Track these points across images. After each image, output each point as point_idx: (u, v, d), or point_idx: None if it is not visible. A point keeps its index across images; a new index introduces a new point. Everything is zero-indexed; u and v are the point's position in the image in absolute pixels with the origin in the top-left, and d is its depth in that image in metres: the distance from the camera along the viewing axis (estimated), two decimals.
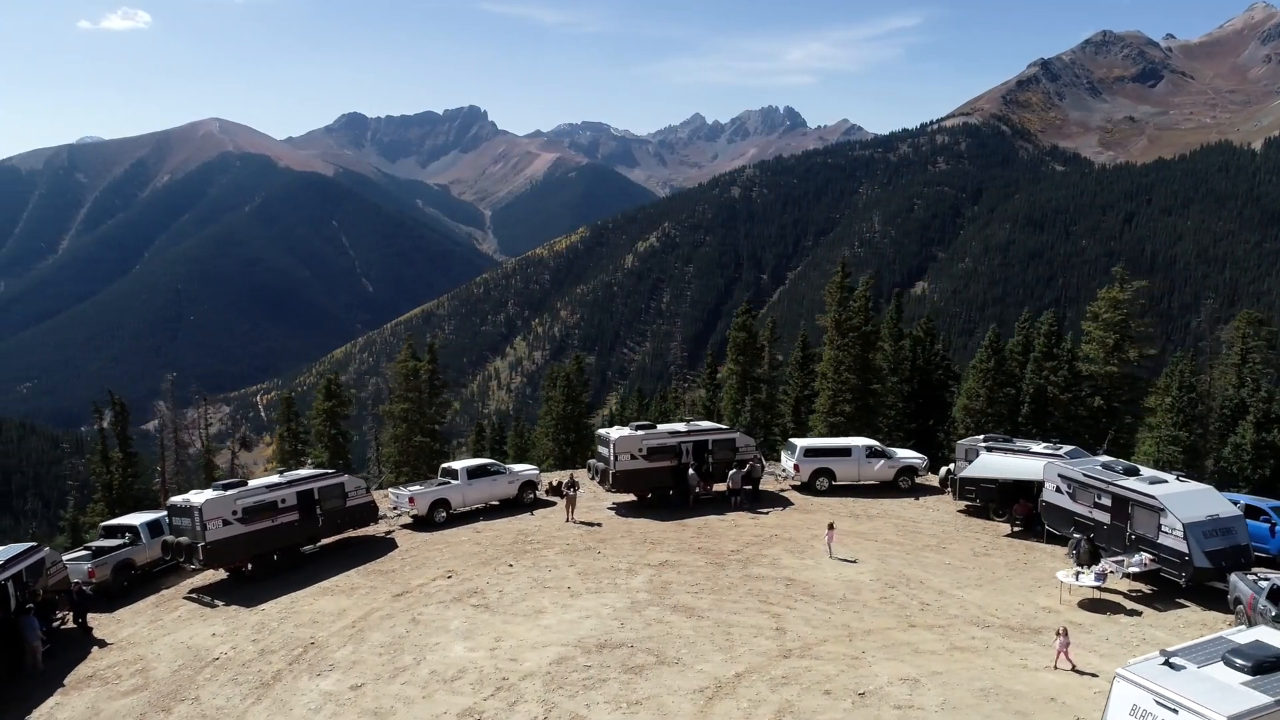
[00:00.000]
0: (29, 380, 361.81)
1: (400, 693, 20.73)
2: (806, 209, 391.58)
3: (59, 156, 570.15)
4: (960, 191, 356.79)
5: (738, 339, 52.53)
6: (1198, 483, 26.75)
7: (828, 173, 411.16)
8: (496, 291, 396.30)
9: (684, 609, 24.75)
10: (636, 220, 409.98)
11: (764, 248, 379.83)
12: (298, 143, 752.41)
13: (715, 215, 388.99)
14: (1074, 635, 22.73)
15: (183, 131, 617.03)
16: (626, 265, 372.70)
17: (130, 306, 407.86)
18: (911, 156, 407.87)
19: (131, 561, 28.16)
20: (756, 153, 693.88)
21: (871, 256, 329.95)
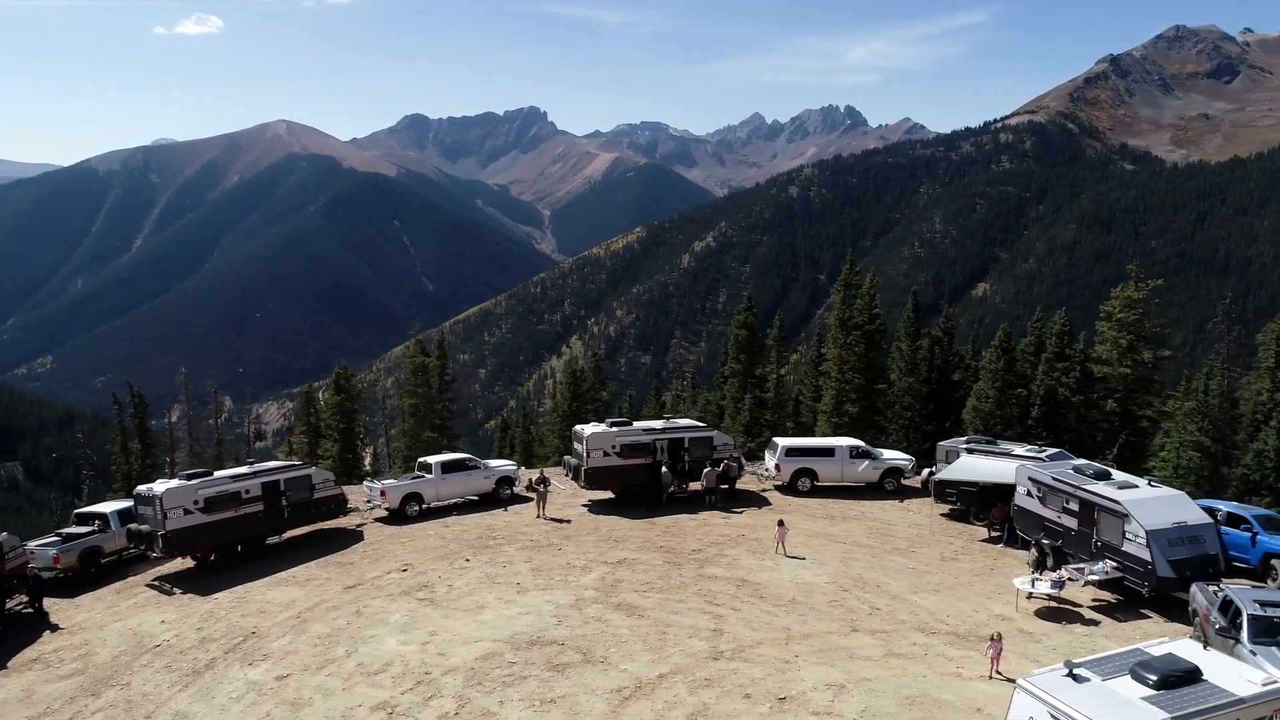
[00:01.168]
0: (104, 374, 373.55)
1: (323, 684, 20.77)
2: (866, 209, 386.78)
3: (134, 158, 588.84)
4: (1024, 191, 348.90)
5: (739, 336, 51.89)
6: (1170, 489, 25.55)
7: (888, 172, 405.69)
8: (553, 291, 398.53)
9: (626, 608, 24.43)
10: (693, 220, 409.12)
11: (821, 248, 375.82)
12: (362, 144, 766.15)
13: (773, 215, 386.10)
14: (1022, 644, 22.02)
15: (251, 133, 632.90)
16: (683, 265, 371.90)
17: (200, 303, 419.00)
18: (974, 155, 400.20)
19: (99, 548, 28.72)
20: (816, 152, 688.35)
21: (932, 257, 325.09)
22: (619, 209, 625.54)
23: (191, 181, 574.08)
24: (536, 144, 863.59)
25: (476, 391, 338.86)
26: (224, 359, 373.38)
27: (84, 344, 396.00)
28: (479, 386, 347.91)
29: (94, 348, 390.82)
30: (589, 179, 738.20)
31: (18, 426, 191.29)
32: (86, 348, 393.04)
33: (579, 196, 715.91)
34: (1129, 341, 43.07)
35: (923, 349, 54.45)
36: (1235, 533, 26.32)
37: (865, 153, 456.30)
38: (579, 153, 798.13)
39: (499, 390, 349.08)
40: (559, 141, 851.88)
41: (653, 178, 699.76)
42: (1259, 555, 25.73)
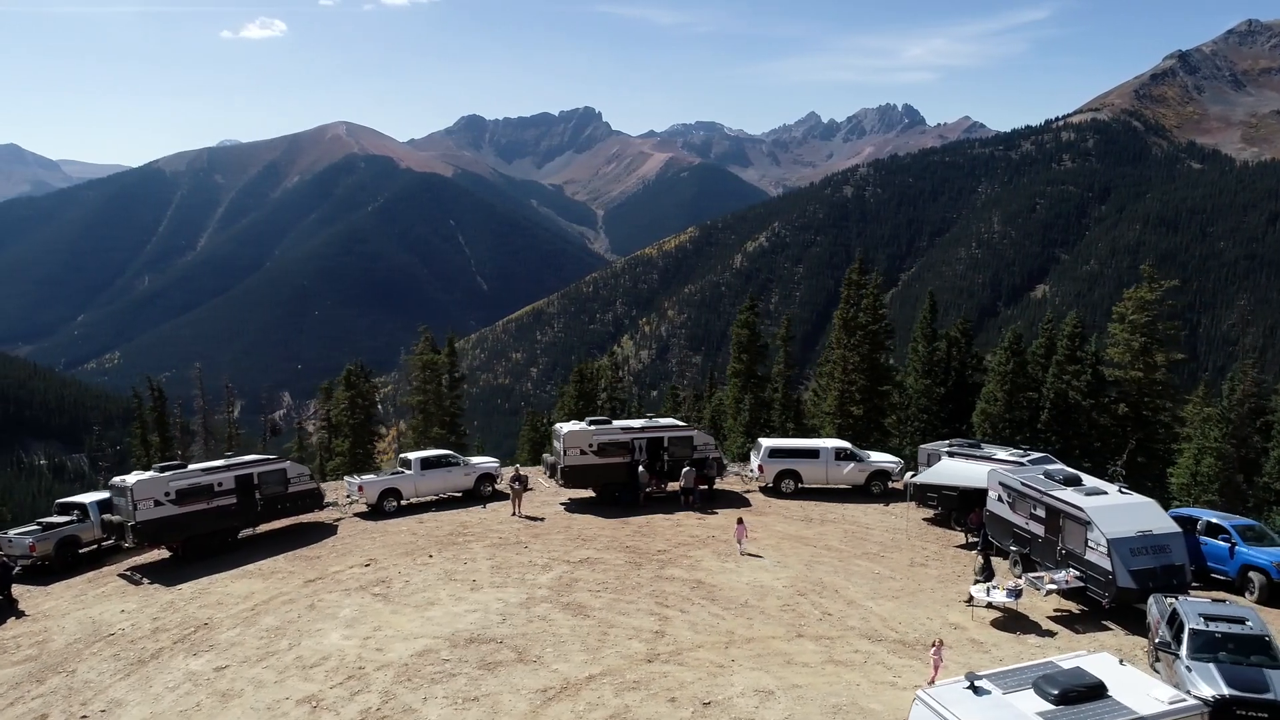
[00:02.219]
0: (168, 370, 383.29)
1: (257, 676, 20.94)
2: (922, 208, 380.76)
3: (200, 159, 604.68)
4: (1087, 190, 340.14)
5: (740, 336, 51.28)
6: (1139, 496, 24.56)
7: (945, 171, 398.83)
8: (605, 290, 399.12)
9: (575, 607, 24.25)
10: (746, 220, 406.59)
11: (876, 248, 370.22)
12: (419, 144, 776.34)
13: (826, 215, 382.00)
14: (969, 654, 21.39)
15: (312, 134, 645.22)
16: (735, 265, 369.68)
17: (260, 301, 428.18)
18: (1035, 154, 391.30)
19: (77, 538, 29.35)
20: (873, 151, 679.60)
21: (990, 258, 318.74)
22: (672, 209, 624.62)
23: (254, 182, 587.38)
24: (591, 144, 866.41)
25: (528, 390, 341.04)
26: (283, 356, 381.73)
27: (150, 340, 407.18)
28: (531, 385, 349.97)
29: (159, 344, 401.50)
30: (643, 179, 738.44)
31: (84, 419, 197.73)
32: (152, 343, 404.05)
33: (632, 196, 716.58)
34: (1141, 344, 41.63)
35: (939, 350, 53.38)
36: (1214, 543, 25.25)
37: (922, 152, 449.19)
38: (633, 153, 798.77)
39: (550, 389, 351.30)
40: (614, 142, 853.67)
41: (707, 178, 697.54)
42: (1236, 567, 24.63)
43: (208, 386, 55.97)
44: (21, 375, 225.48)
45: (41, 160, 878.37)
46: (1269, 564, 23.84)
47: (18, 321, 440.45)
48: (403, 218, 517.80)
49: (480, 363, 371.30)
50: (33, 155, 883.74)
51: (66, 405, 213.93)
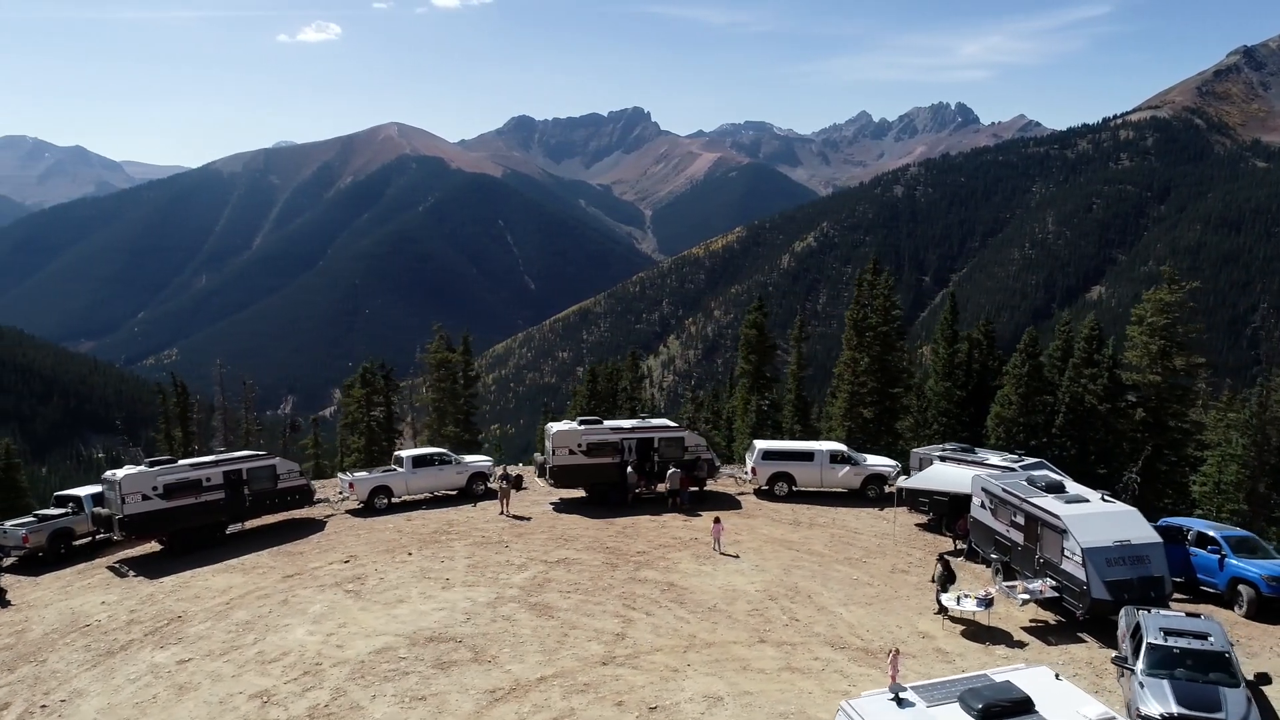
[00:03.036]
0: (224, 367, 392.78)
1: (217, 670, 21.17)
2: (974, 208, 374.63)
3: (256, 160, 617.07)
4: (1145, 190, 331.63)
5: (748, 336, 50.68)
6: (1121, 505, 23.73)
7: (998, 170, 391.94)
8: (652, 290, 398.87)
9: (541, 608, 24.16)
10: (794, 220, 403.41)
11: (927, 249, 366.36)
12: (469, 145, 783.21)
13: (876, 215, 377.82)
14: (932, 664, 20.90)
15: (365, 135, 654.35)
16: (783, 265, 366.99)
17: (313, 300, 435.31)
18: (1091, 153, 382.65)
19: (71, 530, 29.96)
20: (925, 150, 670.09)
21: (1044, 258, 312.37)
22: (720, 209, 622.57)
23: (308, 182, 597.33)
24: (640, 144, 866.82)
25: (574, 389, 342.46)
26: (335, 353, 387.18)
27: (206, 337, 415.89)
28: (576, 384, 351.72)
29: (215, 341, 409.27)
30: (691, 179, 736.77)
31: (142, 415, 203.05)
32: (208, 341, 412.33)
33: (681, 196, 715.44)
34: (1160, 347, 40.35)
35: (960, 352, 52.37)
36: (1203, 554, 24.32)
37: (974, 151, 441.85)
38: (682, 153, 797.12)
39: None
40: (662, 141, 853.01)
41: (755, 177, 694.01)
42: (1226, 580, 23.69)
43: (260, 383, 56.84)
44: (82, 371, 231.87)
45: (105, 162, 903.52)
46: (1258, 577, 22.89)
47: (81, 318, 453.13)
48: (452, 218, 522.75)
49: (527, 362, 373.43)
50: (97, 157, 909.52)
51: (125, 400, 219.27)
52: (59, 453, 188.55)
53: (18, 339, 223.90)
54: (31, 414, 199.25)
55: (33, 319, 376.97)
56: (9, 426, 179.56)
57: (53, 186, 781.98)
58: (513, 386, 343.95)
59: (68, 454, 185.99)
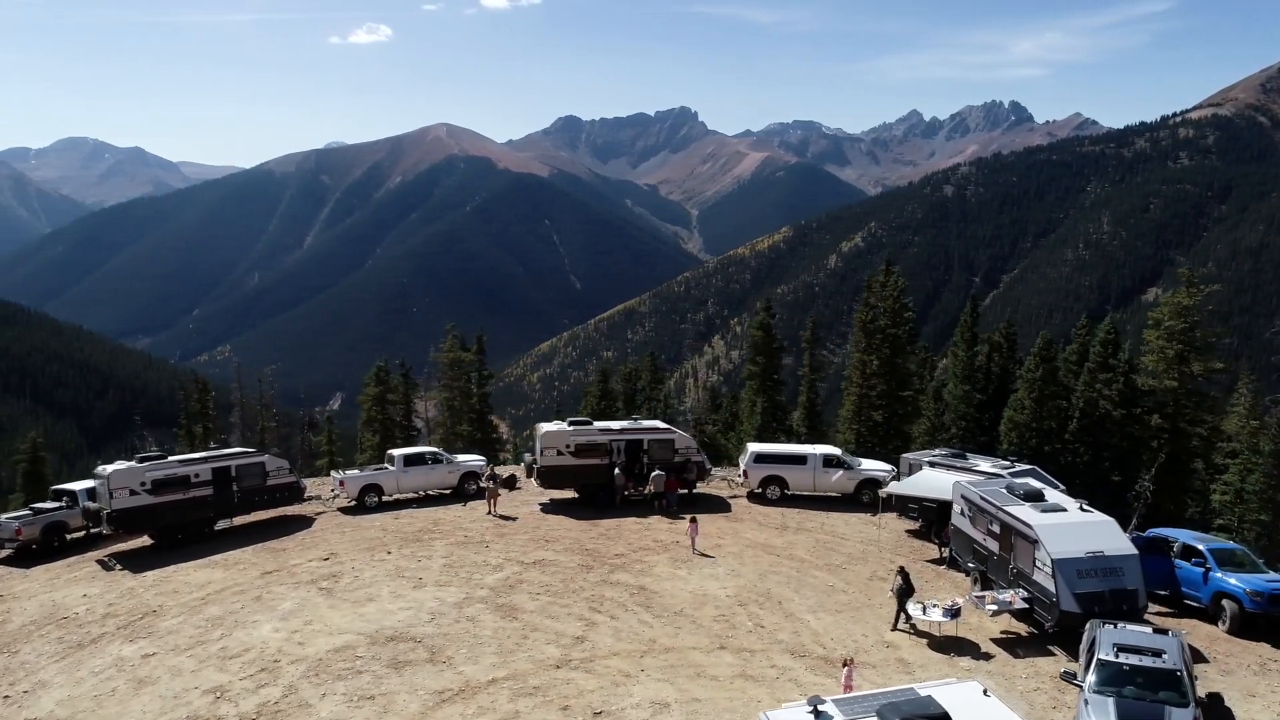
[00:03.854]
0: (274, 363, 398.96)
1: (179, 664, 21.43)
2: (1026, 208, 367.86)
3: (308, 160, 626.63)
4: (1205, 189, 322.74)
5: (755, 338, 50.18)
6: (1098, 514, 22.96)
7: (1051, 170, 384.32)
8: (697, 290, 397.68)
9: (507, 609, 24.09)
10: (841, 220, 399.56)
11: (977, 249, 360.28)
12: (517, 145, 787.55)
13: (925, 215, 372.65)
14: (891, 675, 20.47)
15: (414, 136, 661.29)
16: (829, 266, 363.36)
17: (362, 298, 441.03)
18: (1149, 152, 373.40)
19: (64, 523, 30.57)
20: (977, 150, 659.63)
21: (1098, 259, 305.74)
22: (767, 208, 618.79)
23: (358, 182, 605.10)
24: (686, 144, 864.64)
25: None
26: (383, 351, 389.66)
27: (258, 334, 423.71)
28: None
29: (267, 338, 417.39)
30: (738, 178, 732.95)
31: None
32: (260, 338, 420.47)
33: (727, 196, 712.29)
34: (1177, 352, 39.15)
35: (980, 355, 51.41)
36: (1188, 567, 23.48)
37: (1027, 150, 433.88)
38: (729, 152, 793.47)
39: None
40: (709, 141, 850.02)
41: (803, 177, 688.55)
42: (1210, 594, 22.83)
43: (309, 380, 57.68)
44: (137, 366, 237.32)
45: (162, 162, 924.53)
46: (1241, 592, 22.03)
47: (138, 315, 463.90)
48: (499, 217, 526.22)
49: (572, 361, 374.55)
50: (154, 158, 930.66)
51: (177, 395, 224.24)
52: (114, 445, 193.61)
53: (76, 335, 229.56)
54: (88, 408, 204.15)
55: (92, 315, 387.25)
56: (67, 420, 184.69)
57: (112, 186, 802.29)
58: (557, 385, 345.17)
59: (123, 447, 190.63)
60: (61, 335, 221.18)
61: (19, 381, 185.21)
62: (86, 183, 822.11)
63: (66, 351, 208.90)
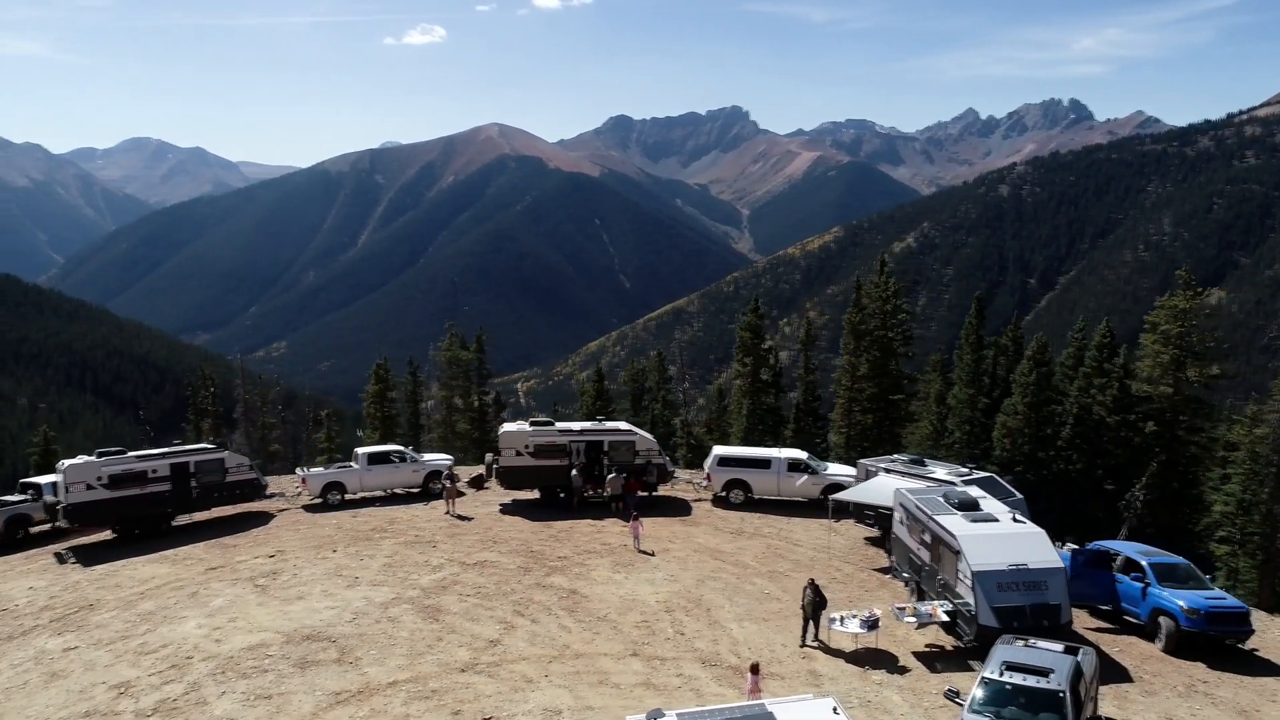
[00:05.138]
0: (328, 359, 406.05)
1: (95, 659, 21.65)
2: (1084, 208, 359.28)
3: (362, 160, 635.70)
4: (1272, 189, 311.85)
5: (743, 339, 49.39)
6: (1030, 526, 22.07)
7: (1111, 169, 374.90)
8: (746, 290, 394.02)
9: (431, 610, 23.96)
10: (894, 219, 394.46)
11: (1033, 250, 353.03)
12: (568, 145, 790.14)
13: (980, 215, 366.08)
14: (798, 687, 19.89)
15: (467, 136, 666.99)
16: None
17: (414, 296, 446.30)
18: (1213, 150, 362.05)
19: (28, 516, 31.15)
20: (1035, 149, 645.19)
21: (1158, 261, 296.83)
22: (819, 208, 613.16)
23: (411, 182, 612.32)
24: (738, 143, 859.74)
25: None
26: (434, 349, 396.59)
27: (313, 331, 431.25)
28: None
29: (321, 335, 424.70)
30: (789, 178, 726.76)
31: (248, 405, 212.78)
32: (315, 335, 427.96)
33: (778, 195, 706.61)
34: (1173, 357, 37.70)
35: (986, 359, 50.20)
36: (1128, 582, 22.50)
37: (1086, 149, 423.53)
38: (780, 151, 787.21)
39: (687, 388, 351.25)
40: (760, 140, 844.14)
41: (856, 176, 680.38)
42: (1148, 610, 21.83)
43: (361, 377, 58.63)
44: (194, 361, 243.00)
45: (223, 162, 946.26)
46: (1178, 609, 21.01)
47: (198, 312, 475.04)
48: (550, 217, 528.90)
49: (620, 360, 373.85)
50: (215, 157, 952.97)
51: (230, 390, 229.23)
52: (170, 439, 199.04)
53: (136, 331, 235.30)
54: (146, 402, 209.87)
55: (154, 312, 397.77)
56: (126, 413, 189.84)
57: (175, 185, 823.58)
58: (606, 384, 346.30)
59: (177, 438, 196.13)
60: (122, 331, 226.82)
61: (80, 376, 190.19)
62: (150, 182, 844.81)
63: (127, 347, 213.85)
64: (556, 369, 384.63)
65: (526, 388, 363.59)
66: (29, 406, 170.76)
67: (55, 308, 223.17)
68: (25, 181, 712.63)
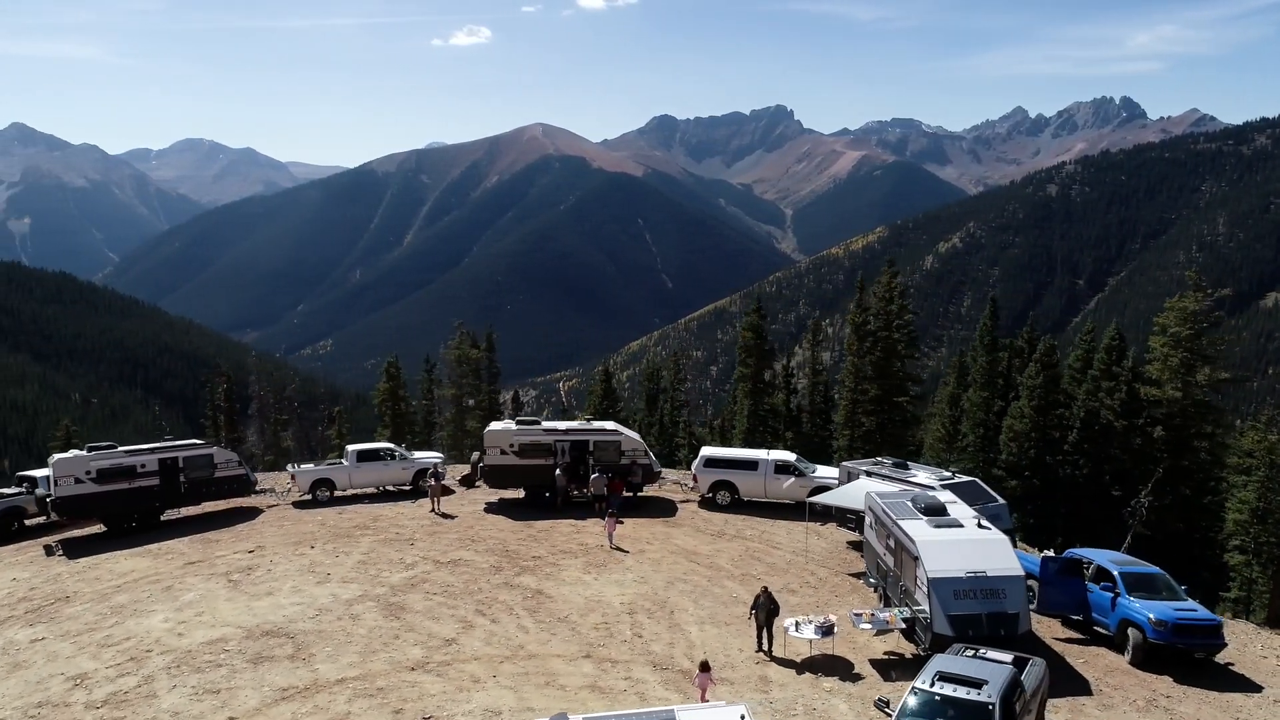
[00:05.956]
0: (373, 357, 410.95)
1: (58, 650, 21.98)
2: (1135, 208, 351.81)
3: (409, 160, 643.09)
4: None
5: (745, 339, 48.77)
6: (993, 532, 21.46)
7: (1163, 168, 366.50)
8: (788, 290, 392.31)
9: (394, 608, 24.00)
10: (939, 219, 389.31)
11: (1081, 251, 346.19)
12: (611, 144, 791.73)
13: (1027, 215, 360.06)
14: (748, 692, 19.62)
15: (511, 136, 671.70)
16: (925, 266, 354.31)
17: (459, 295, 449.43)
18: (1271, 149, 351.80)
19: (21, 509, 31.75)
20: (1085, 148, 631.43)
21: (1213, 262, 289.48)
22: (864, 208, 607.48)
23: (456, 182, 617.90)
24: (782, 143, 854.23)
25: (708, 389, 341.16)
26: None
27: (359, 329, 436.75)
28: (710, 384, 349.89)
29: (367, 333, 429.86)
30: (834, 178, 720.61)
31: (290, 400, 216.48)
32: (361, 333, 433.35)
33: (823, 195, 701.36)
34: (1181, 359, 36.59)
35: (1001, 361, 49.20)
36: (1098, 591, 21.80)
37: (1137, 148, 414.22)
38: (825, 151, 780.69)
39: (730, 388, 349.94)
40: (805, 140, 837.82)
41: (901, 176, 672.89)
42: (1116, 621, 21.13)
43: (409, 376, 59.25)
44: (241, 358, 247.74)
45: (272, 162, 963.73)
46: (1145, 620, 20.29)
47: (247, 310, 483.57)
48: (593, 216, 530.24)
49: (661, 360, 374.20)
50: (265, 158, 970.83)
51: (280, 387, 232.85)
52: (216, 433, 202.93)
53: (186, 328, 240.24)
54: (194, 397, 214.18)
55: (204, 310, 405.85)
56: (174, 408, 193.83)
57: (226, 185, 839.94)
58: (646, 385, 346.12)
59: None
60: (173, 329, 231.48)
61: (132, 371, 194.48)
62: (202, 182, 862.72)
63: (176, 344, 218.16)
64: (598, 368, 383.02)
65: (568, 387, 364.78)
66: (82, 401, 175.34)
67: (108, 305, 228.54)
68: (83, 182, 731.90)
